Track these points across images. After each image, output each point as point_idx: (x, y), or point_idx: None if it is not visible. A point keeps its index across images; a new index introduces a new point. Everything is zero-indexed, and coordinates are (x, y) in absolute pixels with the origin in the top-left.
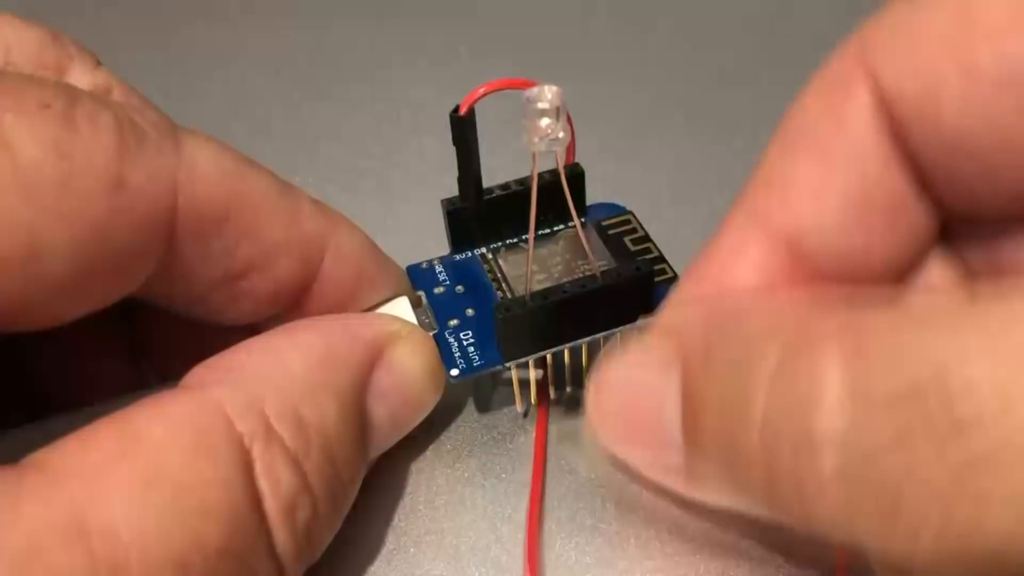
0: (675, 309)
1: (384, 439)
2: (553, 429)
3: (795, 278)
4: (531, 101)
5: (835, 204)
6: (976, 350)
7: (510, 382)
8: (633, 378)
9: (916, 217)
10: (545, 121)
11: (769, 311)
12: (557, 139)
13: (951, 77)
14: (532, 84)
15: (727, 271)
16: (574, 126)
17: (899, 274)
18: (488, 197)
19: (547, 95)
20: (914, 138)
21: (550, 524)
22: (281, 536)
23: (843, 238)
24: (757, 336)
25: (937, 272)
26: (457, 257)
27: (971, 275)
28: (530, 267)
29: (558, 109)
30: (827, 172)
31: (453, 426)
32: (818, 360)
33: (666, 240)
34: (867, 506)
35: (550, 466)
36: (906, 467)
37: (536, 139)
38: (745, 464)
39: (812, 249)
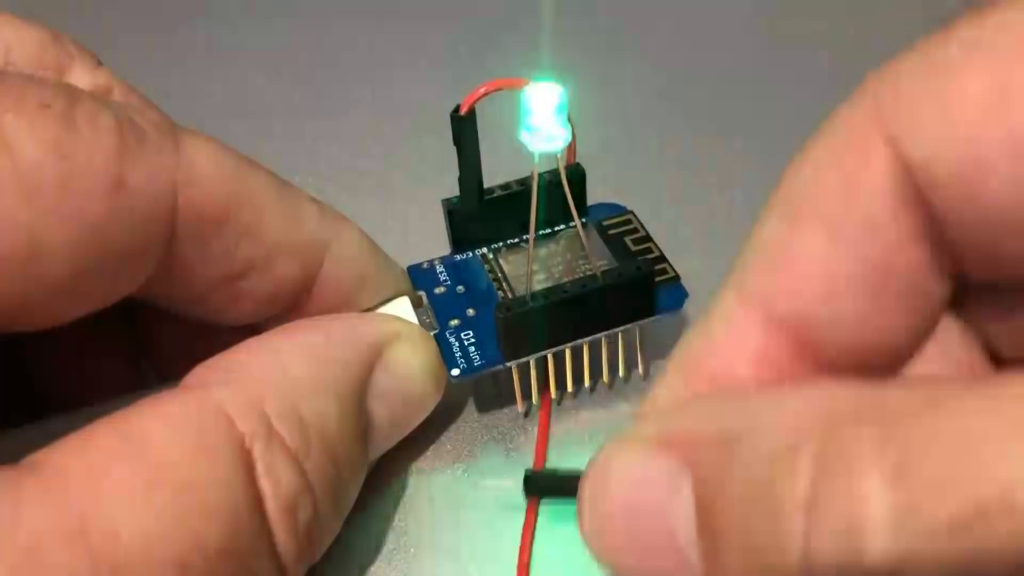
0: (671, 415)
1: (385, 439)
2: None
3: (801, 368)
4: (532, 100)
5: (847, 287)
6: None
7: (511, 382)
8: (635, 496)
9: (933, 291)
10: (546, 120)
11: (788, 418)
12: (558, 138)
13: (998, 148)
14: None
15: (722, 363)
16: (575, 126)
17: (910, 353)
18: (489, 197)
19: (548, 94)
20: (949, 214)
21: (548, 524)
22: (282, 536)
23: (855, 323)
24: (780, 451)
25: (947, 342)
26: (458, 257)
27: (983, 339)
28: (531, 266)
29: (559, 108)
30: (838, 250)
31: (453, 426)
32: (859, 480)
33: (667, 240)
34: None
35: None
36: None
37: (537, 139)
38: None
39: (819, 336)
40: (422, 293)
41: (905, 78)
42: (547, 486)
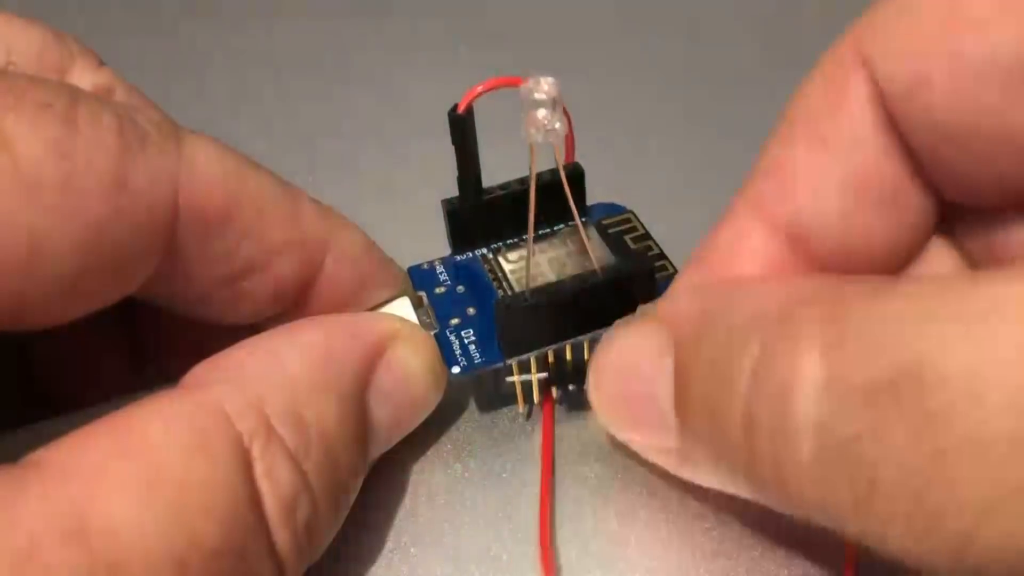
0: (672, 297)
1: (385, 438)
2: (559, 427)
3: (796, 267)
4: (527, 92)
5: (834, 192)
6: (950, 341)
7: (512, 382)
8: (630, 363)
9: (915, 205)
10: (542, 112)
11: (756, 300)
12: (554, 130)
13: (939, 66)
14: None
15: (728, 260)
16: (574, 126)
17: (899, 262)
18: (488, 197)
19: (543, 86)
20: (907, 126)
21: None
22: (281, 536)
23: (842, 226)
24: (742, 325)
25: (937, 261)
26: (458, 257)
27: (971, 263)
28: (530, 261)
29: (555, 100)
30: (826, 161)
31: (454, 426)
32: (798, 349)
33: (667, 239)
34: (842, 491)
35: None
36: (880, 455)
37: (533, 130)
38: (729, 449)
39: (812, 237)
40: (422, 293)
41: (881, 8)
42: (570, 372)
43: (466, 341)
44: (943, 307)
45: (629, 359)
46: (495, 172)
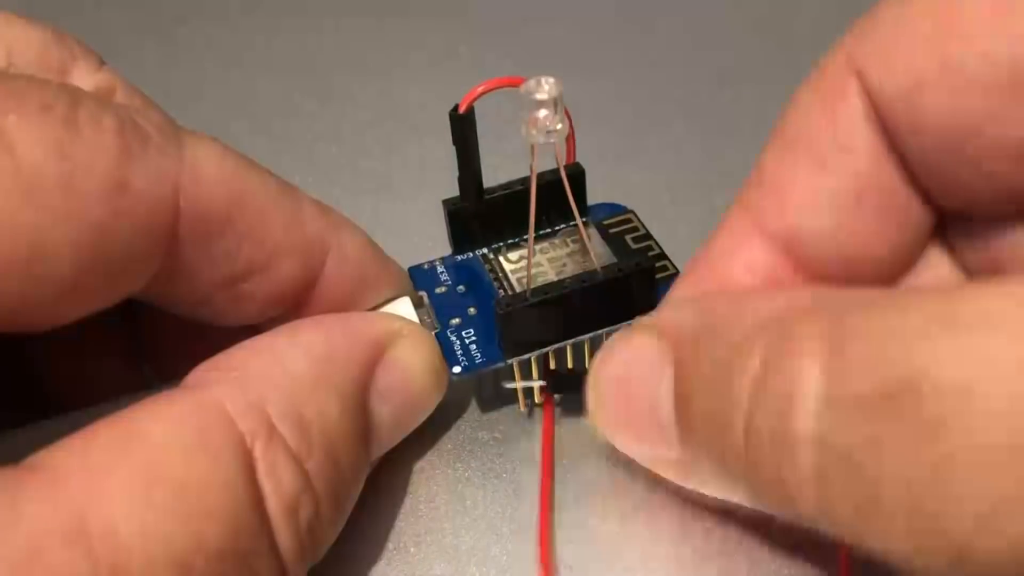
0: (669, 308)
1: (387, 438)
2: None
3: (792, 277)
4: (528, 92)
5: (829, 203)
6: (946, 352)
7: (513, 383)
8: (628, 374)
9: (910, 214)
10: (543, 112)
11: (755, 312)
12: (555, 130)
13: (931, 75)
14: None
15: (724, 271)
16: (574, 126)
17: (896, 271)
18: (489, 197)
19: (544, 86)
20: (901, 135)
21: (565, 510)
22: (283, 536)
23: (838, 237)
24: (743, 337)
25: (933, 269)
26: (459, 257)
27: (967, 271)
28: (531, 260)
29: (555, 100)
30: (821, 172)
31: (454, 426)
32: (798, 362)
33: (667, 239)
34: (843, 501)
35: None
36: (880, 465)
37: (534, 130)
38: (731, 460)
39: (808, 249)
40: (423, 293)
41: (874, 18)
42: (569, 382)
43: (467, 341)
44: (938, 319)
45: (629, 371)
46: (496, 172)
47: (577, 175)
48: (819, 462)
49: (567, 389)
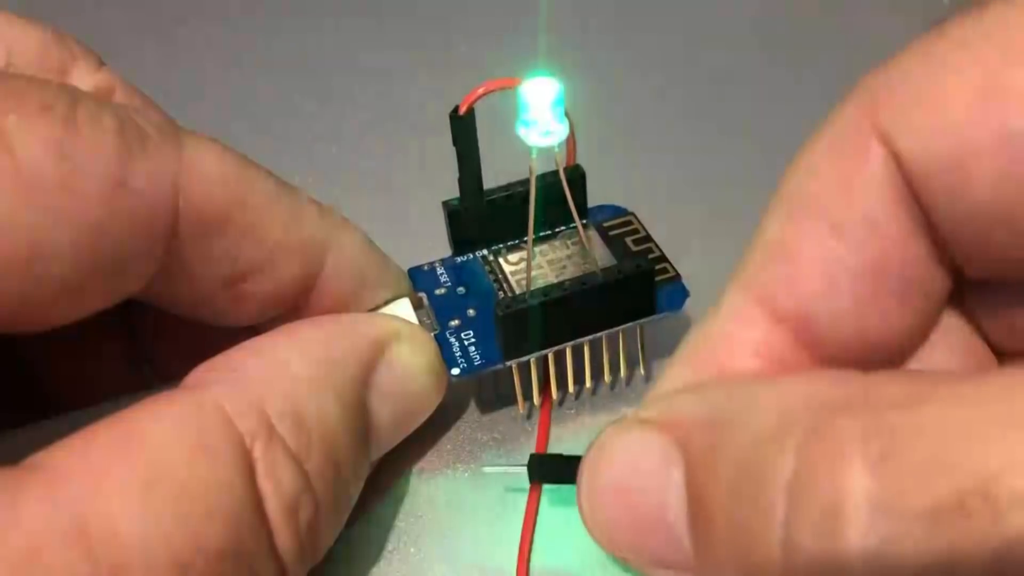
0: (671, 400)
1: (386, 439)
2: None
3: (801, 359)
4: (529, 95)
5: (848, 281)
6: (1019, 452)
7: (511, 382)
8: (629, 479)
9: (933, 286)
10: (543, 115)
11: (778, 405)
12: (556, 133)
13: (983, 144)
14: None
15: (726, 354)
16: (574, 127)
17: (913, 346)
18: (489, 198)
19: (545, 88)
20: (938, 207)
21: (545, 527)
22: (283, 537)
23: (856, 317)
24: (767, 436)
25: (951, 337)
26: (458, 259)
27: (983, 335)
28: (530, 262)
29: (556, 103)
30: (838, 246)
31: (454, 427)
32: (841, 468)
33: (667, 240)
34: None
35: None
36: None
37: (534, 133)
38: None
39: (822, 328)
40: (423, 294)
41: (897, 76)
42: (551, 470)
43: (466, 342)
44: (1007, 417)
45: (629, 475)
46: (496, 173)
47: (577, 177)
48: None
49: (551, 480)
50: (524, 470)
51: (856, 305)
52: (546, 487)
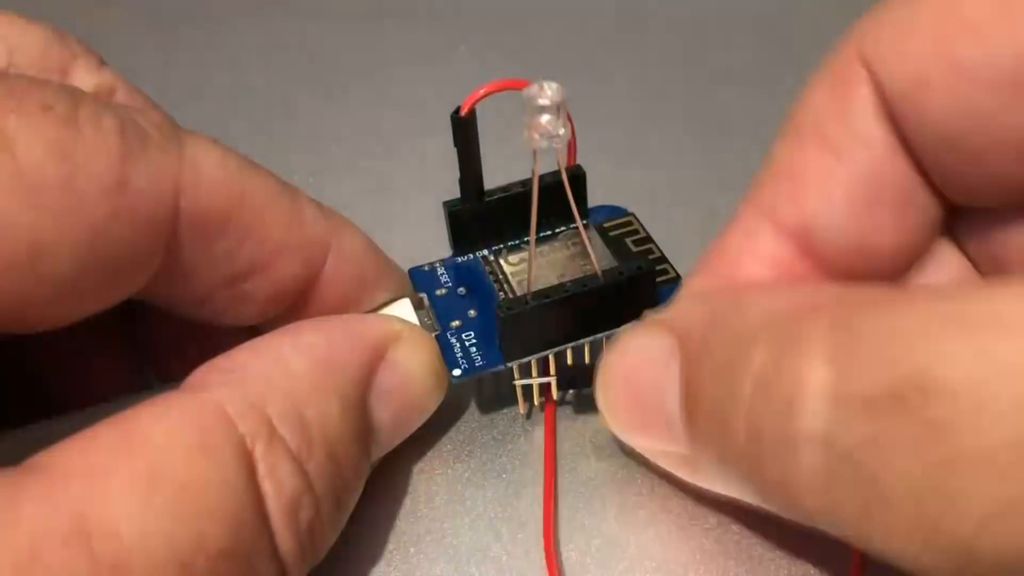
0: (678, 303)
1: (387, 439)
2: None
3: (804, 269)
4: (531, 97)
5: (843, 195)
6: (954, 352)
7: (513, 384)
8: (637, 369)
9: (922, 206)
10: (545, 117)
11: (761, 308)
12: (557, 136)
13: (937, 69)
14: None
15: (736, 265)
16: (575, 127)
17: (907, 264)
18: (490, 199)
19: (547, 91)
20: (908, 128)
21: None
22: (284, 537)
23: (852, 229)
24: (748, 331)
25: (942, 263)
26: (459, 259)
27: (976, 264)
28: (532, 264)
29: (558, 105)
30: (834, 164)
31: (454, 427)
32: (803, 358)
33: (667, 241)
34: (847, 501)
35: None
36: (883, 466)
37: (536, 136)
38: (735, 457)
39: (821, 241)
40: (423, 295)
41: (882, 11)
42: (577, 378)
43: (467, 343)
44: (946, 319)
45: (637, 365)
46: (497, 174)
47: (578, 178)
48: (823, 462)
49: (576, 385)
50: (552, 379)
51: (851, 216)
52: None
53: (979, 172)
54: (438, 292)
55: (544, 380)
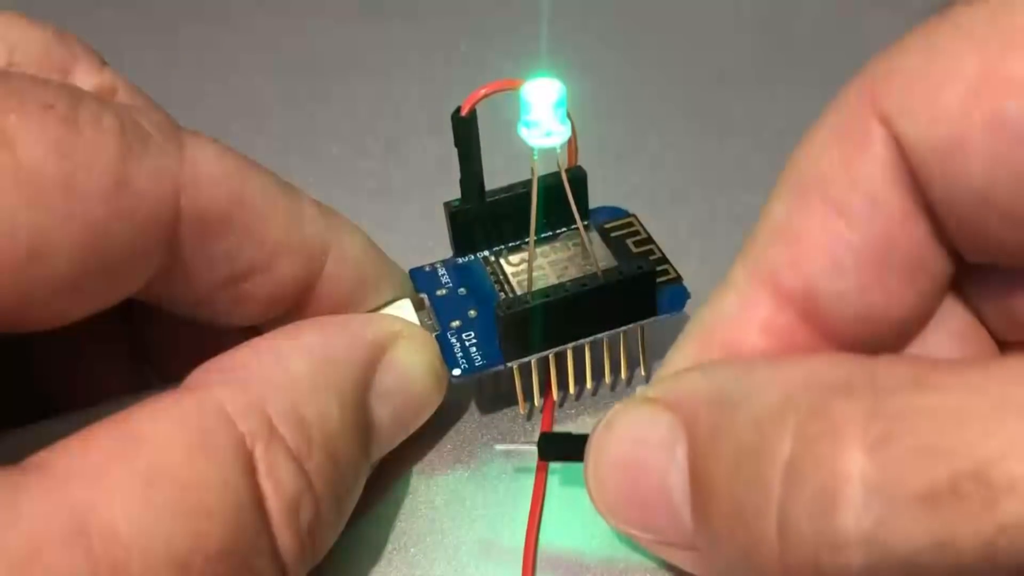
0: (677, 378)
1: (387, 439)
2: (558, 428)
3: (806, 339)
4: (531, 96)
5: (853, 261)
6: (1015, 439)
7: (512, 383)
8: (634, 456)
9: (933, 270)
10: (546, 116)
11: (780, 386)
12: (557, 134)
13: (978, 129)
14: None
15: (732, 333)
16: (576, 128)
17: (915, 329)
18: (490, 199)
19: (547, 90)
20: (935, 190)
21: (548, 527)
22: (284, 537)
23: (859, 296)
24: (768, 417)
25: (950, 322)
26: (460, 260)
27: (982, 319)
28: (532, 263)
29: (558, 104)
30: (843, 227)
31: (454, 427)
32: (837, 448)
33: (668, 242)
34: None
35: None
36: (946, 567)
37: (536, 134)
38: (761, 555)
39: (825, 308)
40: (424, 295)
41: (898, 61)
42: (560, 448)
43: (467, 343)
44: (1007, 404)
45: (634, 452)
46: (497, 174)
47: (579, 178)
48: (870, 563)
49: (560, 458)
50: (535, 448)
51: (860, 284)
52: (552, 467)
53: (1011, 231)
54: (439, 292)
55: (528, 448)
